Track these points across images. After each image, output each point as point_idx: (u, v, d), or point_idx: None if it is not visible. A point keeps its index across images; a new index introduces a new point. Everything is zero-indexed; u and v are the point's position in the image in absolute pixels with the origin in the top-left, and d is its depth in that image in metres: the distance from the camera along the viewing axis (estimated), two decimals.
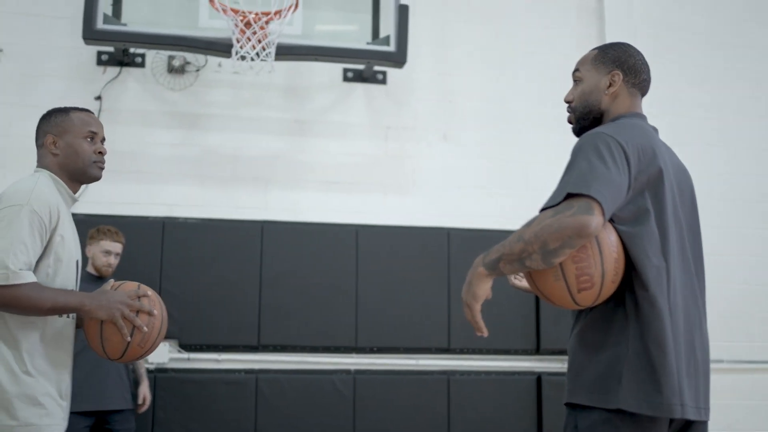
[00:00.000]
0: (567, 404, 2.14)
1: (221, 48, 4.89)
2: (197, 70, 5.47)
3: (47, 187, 2.46)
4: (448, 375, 5.37)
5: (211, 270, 5.19)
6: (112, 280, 2.53)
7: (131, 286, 2.51)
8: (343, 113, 5.66)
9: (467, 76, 5.86)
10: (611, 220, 2.07)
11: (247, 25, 4.75)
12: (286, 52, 4.97)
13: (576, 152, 2.10)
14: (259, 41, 4.76)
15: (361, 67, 5.52)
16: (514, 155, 5.75)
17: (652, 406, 2.00)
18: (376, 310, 5.35)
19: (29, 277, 2.29)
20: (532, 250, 1.99)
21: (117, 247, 4.42)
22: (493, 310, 2.68)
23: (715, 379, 2.30)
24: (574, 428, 2.10)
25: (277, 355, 5.24)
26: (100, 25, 4.81)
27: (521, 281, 2.80)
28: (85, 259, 4.36)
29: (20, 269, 2.28)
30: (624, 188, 2.04)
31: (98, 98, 5.31)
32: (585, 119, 2.32)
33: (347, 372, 5.27)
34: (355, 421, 5.19)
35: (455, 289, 5.42)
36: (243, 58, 4.77)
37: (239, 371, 5.16)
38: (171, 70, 5.41)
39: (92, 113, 2.64)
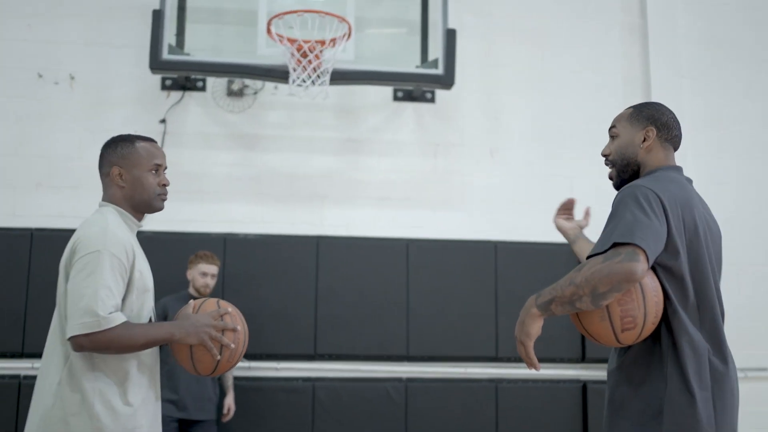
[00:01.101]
0: None
1: (278, 75, 5.11)
2: (255, 93, 5.71)
3: (117, 225, 2.48)
4: (495, 383, 5.54)
5: (270, 283, 5.45)
6: (192, 302, 2.55)
7: (211, 305, 2.54)
8: (394, 132, 5.85)
9: (513, 95, 6.00)
10: (651, 267, 2.26)
11: (303, 54, 4.93)
12: (340, 77, 5.16)
13: (618, 204, 2.30)
14: (315, 69, 4.95)
15: (410, 87, 5.70)
16: (559, 171, 5.89)
17: None
18: (426, 320, 5.55)
19: (119, 319, 2.36)
20: (582, 293, 2.18)
21: (213, 269, 4.82)
22: None
23: None
24: None
25: (332, 364, 5.47)
26: (165, 55, 5.08)
27: (567, 221, 2.91)
28: (186, 281, 4.79)
29: (110, 313, 2.34)
30: (663, 236, 2.23)
31: (162, 121, 5.59)
32: (625, 172, 2.52)
33: (399, 380, 5.48)
34: (407, 427, 5.40)
35: (503, 300, 5.60)
36: (299, 85, 4.98)
37: (297, 379, 5.41)
38: (230, 93, 5.67)
39: (155, 142, 2.66)
